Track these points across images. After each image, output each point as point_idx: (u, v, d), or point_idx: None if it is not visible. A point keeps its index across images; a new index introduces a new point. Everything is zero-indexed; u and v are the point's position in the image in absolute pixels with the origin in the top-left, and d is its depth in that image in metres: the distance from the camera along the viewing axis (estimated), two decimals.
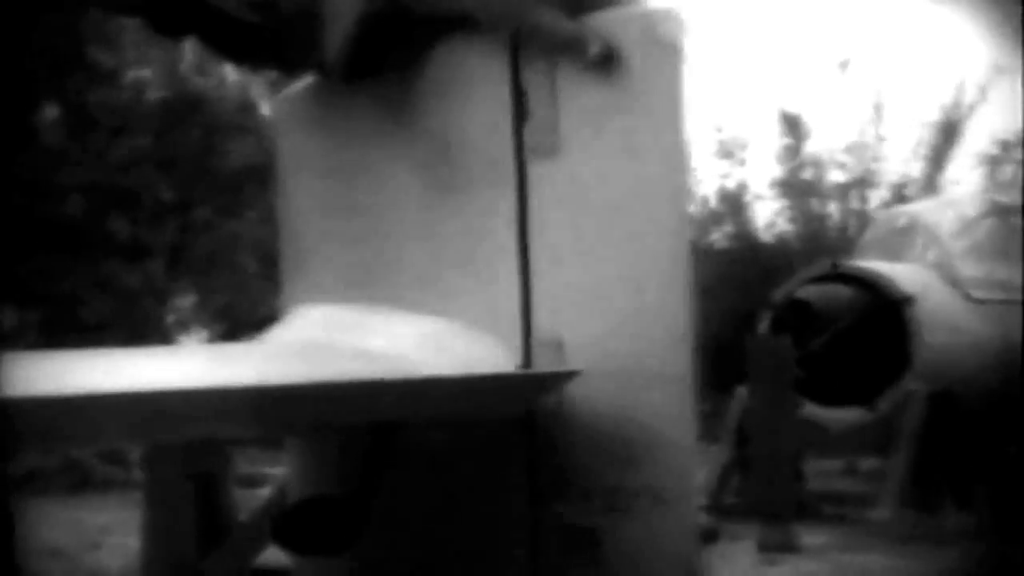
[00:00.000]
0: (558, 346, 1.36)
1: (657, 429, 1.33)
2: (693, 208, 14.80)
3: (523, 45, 1.34)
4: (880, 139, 15.10)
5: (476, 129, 1.40)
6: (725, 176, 15.16)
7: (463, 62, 1.40)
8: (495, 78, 1.37)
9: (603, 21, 1.33)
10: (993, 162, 14.72)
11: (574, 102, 1.34)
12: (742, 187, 15.17)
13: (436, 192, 1.45)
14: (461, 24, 1.36)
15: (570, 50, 1.32)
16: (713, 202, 15.09)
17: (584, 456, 1.33)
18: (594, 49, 1.30)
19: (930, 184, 14.96)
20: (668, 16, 1.34)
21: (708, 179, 15.07)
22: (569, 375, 1.31)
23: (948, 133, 15.12)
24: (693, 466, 1.37)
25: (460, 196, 1.43)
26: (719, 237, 14.98)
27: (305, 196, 1.73)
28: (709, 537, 7.16)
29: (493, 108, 1.38)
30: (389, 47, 1.41)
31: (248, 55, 1.49)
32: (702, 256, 13.48)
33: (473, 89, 1.40)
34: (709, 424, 8.74)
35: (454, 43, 1.39)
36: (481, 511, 1.44)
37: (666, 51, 1.33)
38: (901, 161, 15.29)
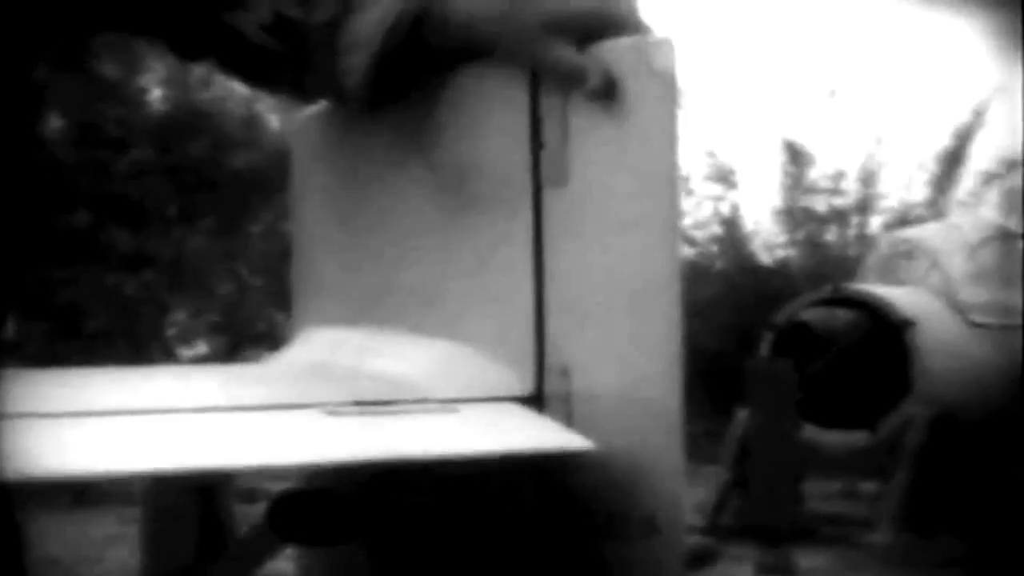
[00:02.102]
0: (564, 372, 1.37)
1: (649, 456, 1.34)
2: (698, 231, 14.83)
3: (538, 75, 1.36)
4: (880, 164, 15.11)
5: (491, 156, 1.41)
6: (719, 199, 15.15)
7: (480, 89, 1.41)
8: (512, 106, 1.38)
9: (600, 51, 1.35)
10: (997, 183, 14.72)
11: (579, 131, 1.36)
12: (735, 210, 15.19)
13: (449, 217, 1.47)
14: (479, 54, 1.37)
15: (572, 81, 1.33)
16: (712, 225, 15.12)
17: (586, 481, 1.34)
18: (594, 80, 1.32)
19: (934, 208, 14.96)
20: (662, 46, 1.35)
21: (703, 202, 15.06)
22: (578, 452, 1.31)
23: (952, 155, 15.13)
24: (681, 494, 1.38)
25: (473, 222, 1.44)
26: (719, 259, 15.00)
27: (318, 219, 1.74)
28: (708, 558, 7.17)
29: (509, 136, 1.39)
30: (410, 76, 1.41)
31: (267, 80, 1.50)
32: (703, 277, 13.50)
33: (489, 116, 1.41)
34: (709, 445, 8.75)
35: (471, 70, 1.40)
36: (483, 537, 1.45)
37: (660, 80, 1.34)
38: (903, 185, 15.30)
